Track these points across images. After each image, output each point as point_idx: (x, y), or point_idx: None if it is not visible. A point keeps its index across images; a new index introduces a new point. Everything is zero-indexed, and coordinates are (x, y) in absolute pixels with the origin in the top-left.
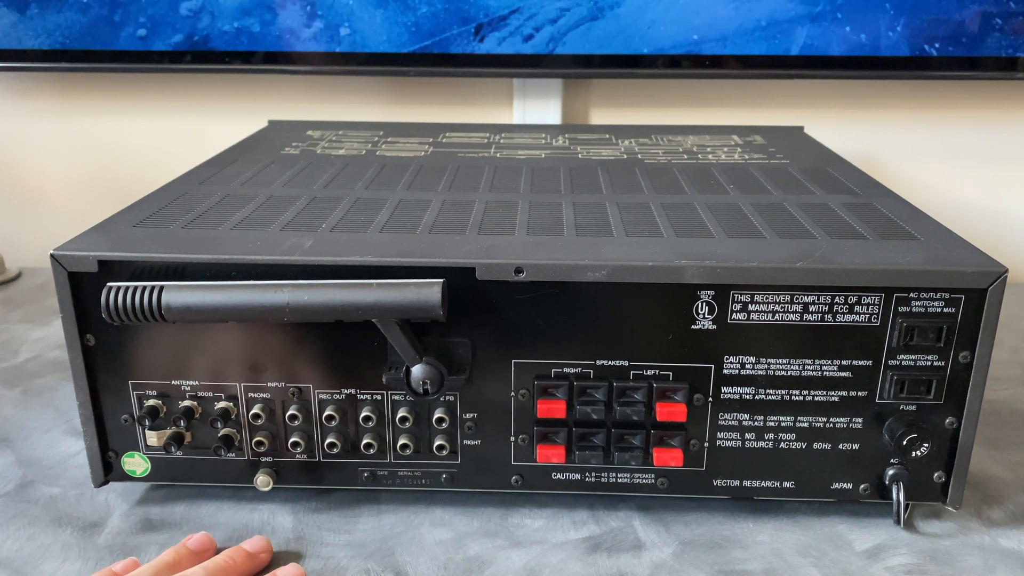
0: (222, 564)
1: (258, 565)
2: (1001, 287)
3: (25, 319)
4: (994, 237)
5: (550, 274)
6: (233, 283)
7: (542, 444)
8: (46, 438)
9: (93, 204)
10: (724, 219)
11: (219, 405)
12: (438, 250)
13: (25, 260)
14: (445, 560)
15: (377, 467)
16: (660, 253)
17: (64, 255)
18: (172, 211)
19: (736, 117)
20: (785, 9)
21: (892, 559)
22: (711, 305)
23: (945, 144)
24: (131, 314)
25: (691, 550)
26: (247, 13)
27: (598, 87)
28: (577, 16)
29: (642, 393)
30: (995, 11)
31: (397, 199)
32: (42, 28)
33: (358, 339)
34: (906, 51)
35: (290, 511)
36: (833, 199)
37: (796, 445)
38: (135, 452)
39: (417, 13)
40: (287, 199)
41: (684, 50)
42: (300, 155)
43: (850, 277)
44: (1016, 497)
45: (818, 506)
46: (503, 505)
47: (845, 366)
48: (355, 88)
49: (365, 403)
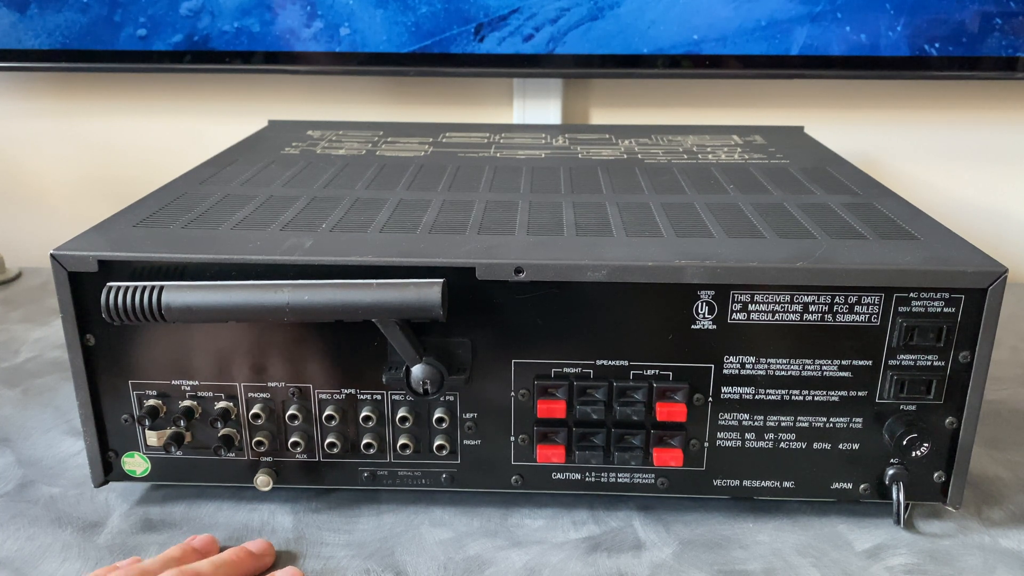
0: (228, 558)
1: (262, 567)
2: (1001, 287)
3: (25, 319)
4: (994, 237)
5: (550, 274)
6: (233, 283)
7: (542, 444)
8: (46, 438)
9: (93, 204)
10: (724, 219)
11: (219, 405)
12: (438, 250)
13: (25, 260)
14: (445, 560)
15: (377, 467)
16: (660, 253)
17: (64, 255)
18: (172, 211)
19: (736, 117)
20: (785, 9)
21: (892, 559)
22: (711, 305)
23: (945, 144)
24: (131, 314)
25: (691, 550)
26: (247, 13)
27: (598, 87)
28: (577, 16)
29: (642, 393)
30: (995, 11)
31: (397, 199)
32: (42, 28)
33: (358, 339)
34: (906, 51)
35: (290, 511)
36: (833, 199)
37: (796, 445)
38: (135, 452)
39: (417, 13)
40: (287, 199)
41: (684, 50)
42: (300, 155)
43: (850, 277)
44: (1016, 497)
45: (818, 506)
46: (503, 505)
47: (845, 366)
48: (355, 88)
49: (365, 403)
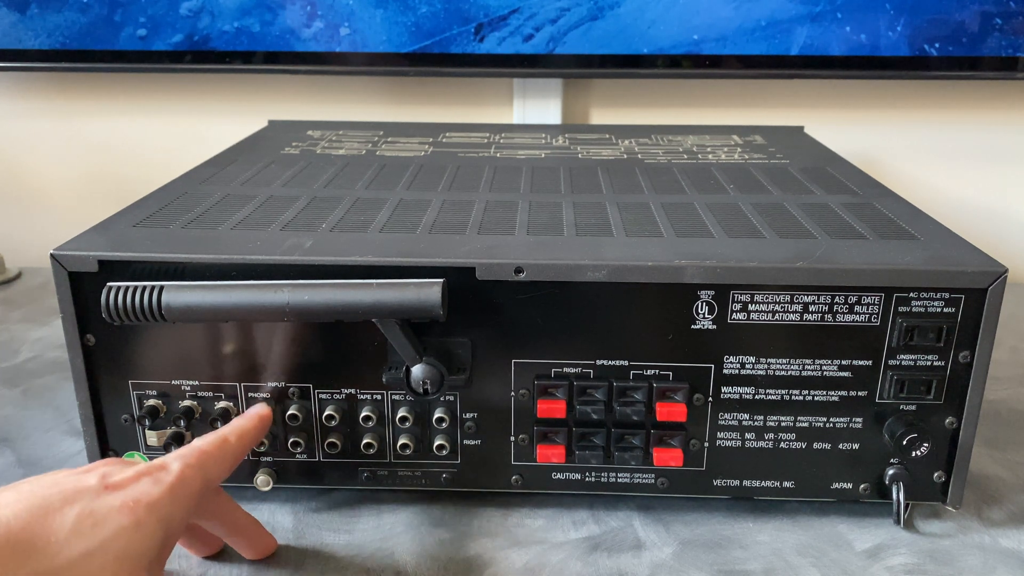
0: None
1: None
2: (1001, 287)
3: (25, 319)
4: (994, 237)
5: (550, 274)
6: (233, 283)
7: (542, 444)
8: (46, 438)
9: (93, 204)
10: (724, 219)
11: (219, 405)
12: (438, 250)
13: (25, 260)
14: (445, 560)
15: (377, 467)
16: (660, 253)
17: (64, 255)
18: (172, 211)
19: (736, 117)
20: (785, 9)
21: (892, 559)
22: (711, 305)
23: (945, 144)
24: (131, 314)
25: (691, 550)
26: (247, 13)
27: (598, 87)
28: (577, 16)
29: (642, 393)
30: (995, 11)
31: (397, 199)
32: (42, 28)
33: (358, 339)
34: (906, 51)
35: (290, 511)
36: (833, 199)
37: (796, 445)
38: (135, 452)
39: (417, 13)
40: (287, 199)
41: (684, 50)
42: (300, 155)
43: (850, 277)
44: (1016, 497)
45: (818, 506)
46: (503, 505)
47: (845, 366)
48: (355, 88)
49: (365, 403)
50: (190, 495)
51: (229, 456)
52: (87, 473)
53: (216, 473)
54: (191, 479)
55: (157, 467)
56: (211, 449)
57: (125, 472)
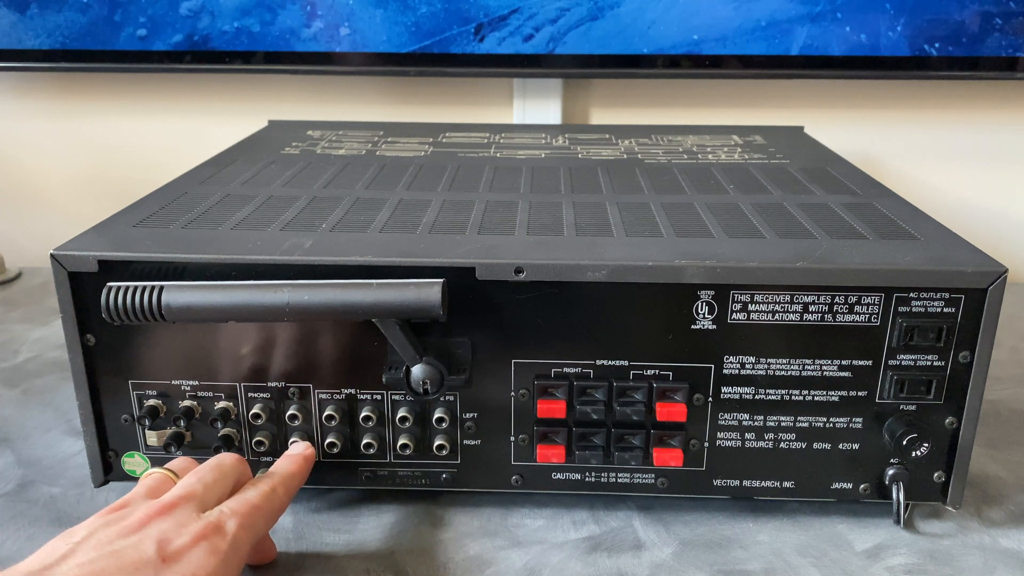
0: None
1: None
2: (1001, 287)
3: (25, 319)
4: (994, 237)
5: (550, 274)
6: (233, 283)
7: (542, 444)
8: (46, 438)
9: (93, 204)
10: (724, 219)
11: (219, 405)
12: (438, 250)
13: (25, 260)
14: (445, 560)
15: (377, 467)
16: (660, 253)
17: (64, 255)
18: (172, 211)
19: (736, 117)
20: (785, 9)
21: (892, 559)
22: (711, 305)
23: (945, 144)
24: (131, 314)
25: (691, 550)
26: (247, 13)
27: (598, 87)
28: (577, 16)
29: (642, 393)
30: (995, 11)
31: (397, 199)
32: (42, 28)
33: (358, 339)
34: (906, 51)
35: (290, 511)
36: (833, 199)
37: (796, 445)
38: (135, 452)
39: (417, 13)
40: (287, 199)
41: (684, 50)
42: (300, 155)
43: (850, 277)
44: (1016, 497)
45: (818, 506)
46: (503, 505)
47: (845, 366)
48: (355, 88)
49: (365, 403)
50: (242, 558)
51: (277, 508)
52: (143, 533)
53: (264, 527)
54: (244, 543)
55: (213, 529)
56: (263, 504)
57: (182, 537)
